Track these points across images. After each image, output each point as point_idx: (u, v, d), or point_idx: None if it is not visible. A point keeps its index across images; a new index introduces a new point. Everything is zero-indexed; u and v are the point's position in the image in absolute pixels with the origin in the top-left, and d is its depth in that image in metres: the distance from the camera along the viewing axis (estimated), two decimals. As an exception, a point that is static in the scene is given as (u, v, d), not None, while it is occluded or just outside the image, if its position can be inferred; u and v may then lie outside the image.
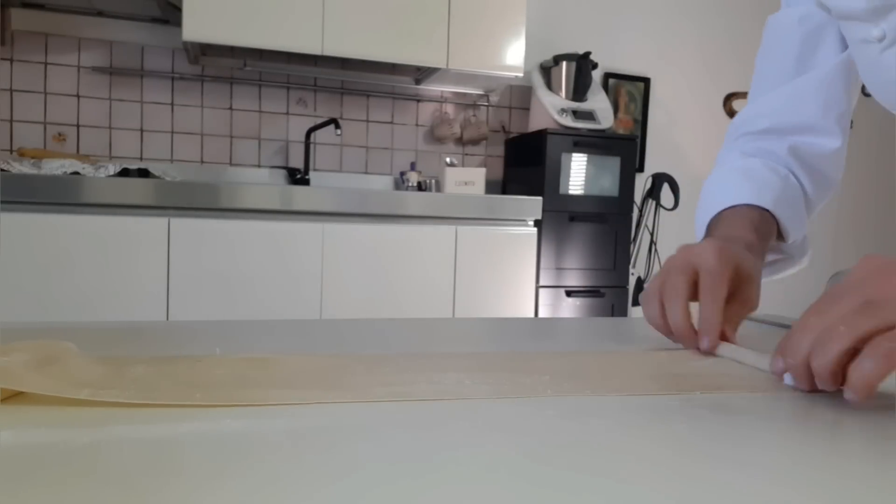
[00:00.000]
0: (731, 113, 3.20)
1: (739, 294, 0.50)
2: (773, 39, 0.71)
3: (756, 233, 0.58)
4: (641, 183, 2.82)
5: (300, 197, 1.99)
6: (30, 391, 0.32)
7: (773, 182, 0.64)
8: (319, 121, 2.50)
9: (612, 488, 0.24)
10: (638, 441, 0.30)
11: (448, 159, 2.59)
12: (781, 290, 3.37)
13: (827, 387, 0.35)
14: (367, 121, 2.67)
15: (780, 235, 0.65)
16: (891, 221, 3.42)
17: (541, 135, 2.42)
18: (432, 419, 0.32)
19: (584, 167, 2.41)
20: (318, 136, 2.56)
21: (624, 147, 2.48)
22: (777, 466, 0.27)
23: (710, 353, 0.47)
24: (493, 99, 2.81)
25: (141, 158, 2.38)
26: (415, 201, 2.11)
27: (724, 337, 0.48)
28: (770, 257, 0.67)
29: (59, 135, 2.29)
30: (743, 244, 0.55)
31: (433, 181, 2.57)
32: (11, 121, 2.24)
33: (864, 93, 0.67)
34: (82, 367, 0.36)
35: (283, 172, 2.53)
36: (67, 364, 0.36)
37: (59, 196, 1.75)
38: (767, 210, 0.61)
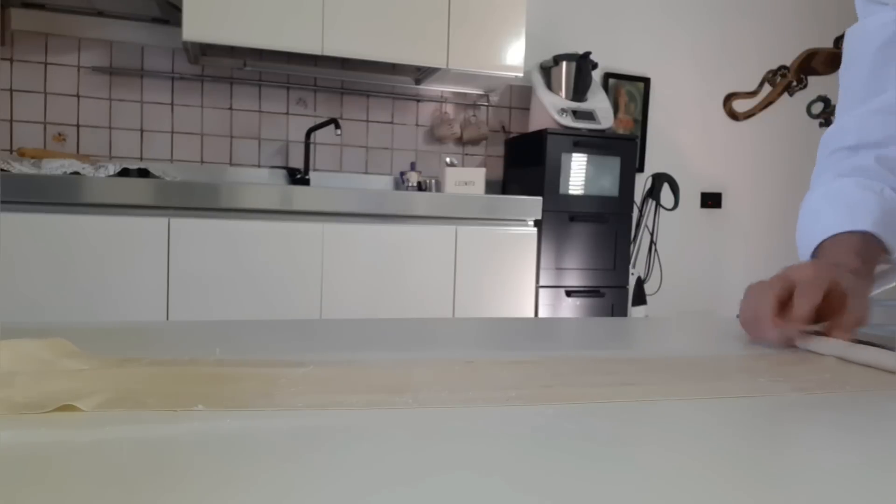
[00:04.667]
0: (731, 113, 3.20)
1: (842, 309, 0.52)
2: (851, 53, 0.71)
3: (859, 257, 0.59)
4: (641, 183, 2.82)
5: (300, 197, 1.99)
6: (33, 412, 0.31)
7: (870, 201, 0.64)
8: (319, 121, 2.50)
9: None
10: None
11: (448, 159, 2.59)
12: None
13: None
14: (367, 121, 2.67)
15: (885, 250, 0.64)
16: None
17: (541, 135, 2.42)
18: (432, 422, 0.32)
19: (584, 167, 2.41)
20: (318, 136, 2.56)
21: (624, 147, 2.48)
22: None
23: (789, 342, 0.50)
24: (493, 99, 2.81)
25: (141, 158, 2.38)
26: (415, 201, 2.11)
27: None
28: (878, 269, 0.67)
29: (59, 135, 2.29)
30: (847, 269, 0.56)
31: (433, 181, 2.57)
32: (11, 121, 2.24)
33: None
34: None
35: (283, 172, 2.53)
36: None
37: (59, 196, 1.75)
38: (868, 231, 0.61)
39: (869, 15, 0.69)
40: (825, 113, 3.26)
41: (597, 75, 2.70)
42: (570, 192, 2.39)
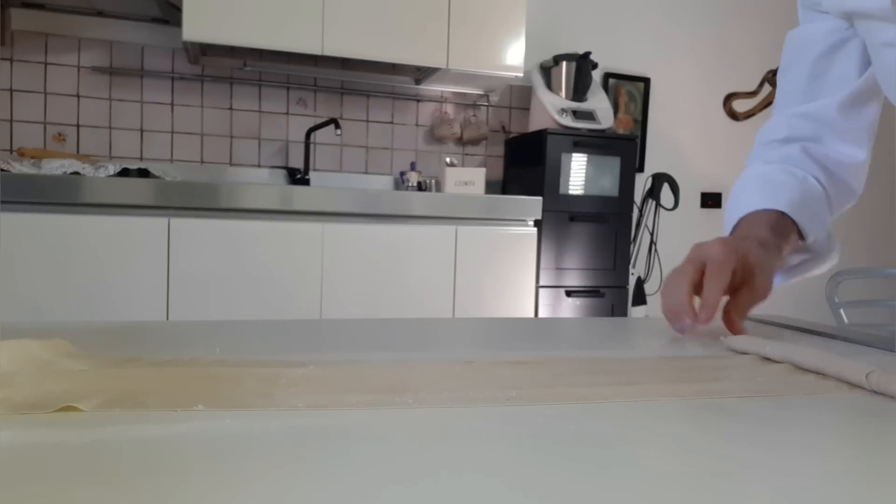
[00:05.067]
0: (730, 113, 3.20)
1: (748, 284, 0.55)
2: (789, 57, 0.74)
3: (771, 231, 0.61)
4: (641, 183, 2.82)
5: (300, 197, 1.99)
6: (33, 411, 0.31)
7: (789, 184, 0.67)
8: (319, 121, 2.50)
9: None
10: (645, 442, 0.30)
11: (448, 159, 2.59)
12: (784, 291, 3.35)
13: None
14: (367, 121, 2.67)
15: (801, 235, 0.66)
16: (890, 223, 3.42)
17: (541, 135, 2.42)
18: (432, 422, 0.32)
19: (584, 167, 2.41)
20: (318, 136, 2.56)
21: (624, 147, 2.48)
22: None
23: (703, 325, 0.52)
24: (493, 99, 2.81)
25: (141, 158, 2.38)
26: (415, 201, 2.11)
27: (731, 326, 0.54)
28: (798, 258, 0.70)
29: (59, 135, 2.29)
30: (756, 241, 0.59)
31: (433, 181, 2.57)
32: (11, 121, 2.24)
33: None
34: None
35: (283, 172, 2.53)
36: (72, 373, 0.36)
37: (59, 196, 1.75)
38: (783, 212, 0.64)
39: (809, 21, 0.72)
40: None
41: (597, 75, 2.70)
42: (570, 192, 2.39)
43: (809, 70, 0.70)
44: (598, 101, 2.57)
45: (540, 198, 2.25)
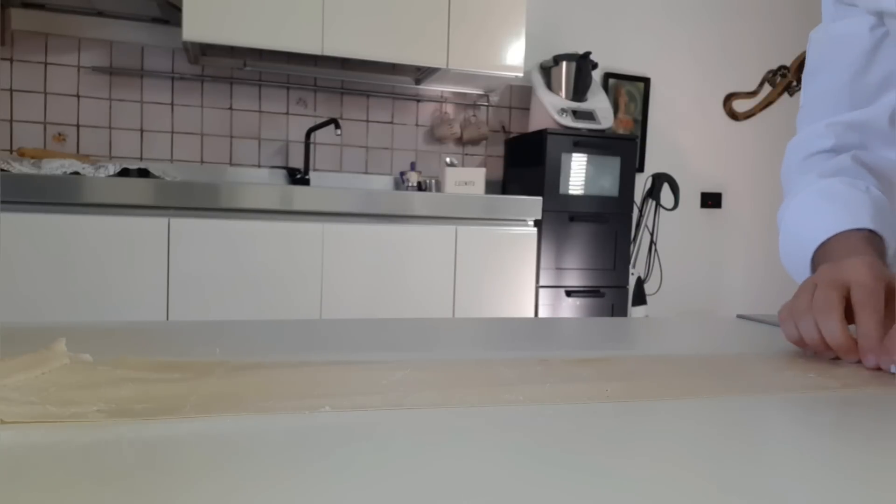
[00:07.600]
0: (730, 113, 3.20)
1: (891, 309, 0.48)
2: (820, 58, 0.69)
3: (876, 252, 0.56)
4: (641, 183, 2.82)
5: (300, 197, 1.99)
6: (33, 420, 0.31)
7: (861, 199, 0.61)
8: (319, 121, 2.50)
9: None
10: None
11: (448, 159, 2.59)
12: (776, 290, 3.34)
13: None
14: (367, 121, 2.67)
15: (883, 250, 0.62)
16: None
17: (541, 135, 2.42)
18: (431, 422, 0.32)
19: (584, 167, 2.41)
20: (318, 136, 2.56)
21: (624, 147, 2.48)
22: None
23: (876, 368, 0.45)
24: (493, 99, 2.82)
25: (141, 158, 2.38)
26: (415, 201, 2.11)
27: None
28: None
29: (59, 135, 2.29)
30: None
31: (433, 181, 2.57)
32: (11, 121, 2.24)
33: None
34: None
35: (283, 172, 2.53)
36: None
37: (59, 196, 1.75)
38: (867, 229, 0.59)
39: (839, 18, 0.67)
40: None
41: (597, 75, 2.70)
42: (570, 192, 2.39)
43: (851, 71, 0.65)
44: (598, 101, 2.57)
45: (540, 198, 2.25)
